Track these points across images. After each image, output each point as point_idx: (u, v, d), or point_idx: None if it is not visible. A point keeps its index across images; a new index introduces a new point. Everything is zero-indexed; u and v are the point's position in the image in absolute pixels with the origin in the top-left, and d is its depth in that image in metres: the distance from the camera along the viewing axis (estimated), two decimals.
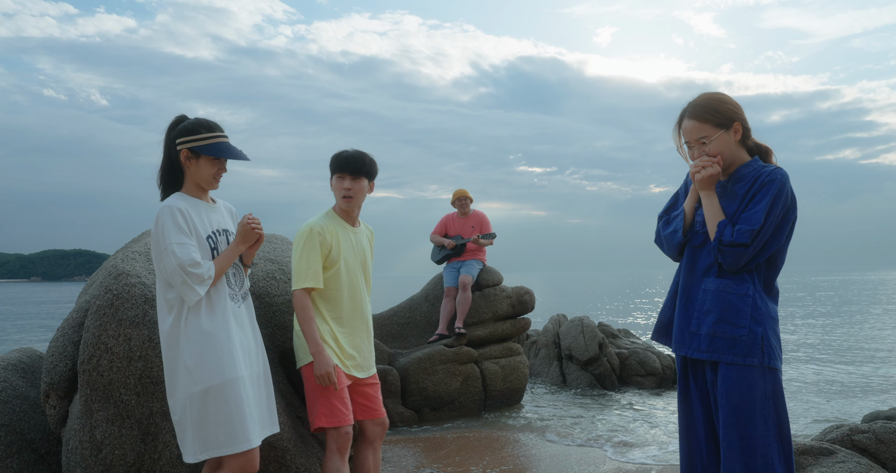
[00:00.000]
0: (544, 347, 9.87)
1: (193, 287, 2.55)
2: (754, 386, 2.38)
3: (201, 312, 2.60)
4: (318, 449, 3.42)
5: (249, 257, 2.91)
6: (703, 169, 2.50)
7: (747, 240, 2.37)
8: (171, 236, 2.56)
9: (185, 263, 2.53)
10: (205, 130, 2.70)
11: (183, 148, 2.69)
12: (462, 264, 7.80)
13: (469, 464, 5.19)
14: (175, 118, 2.79)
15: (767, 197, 2.39)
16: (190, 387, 2.56)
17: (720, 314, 2.45)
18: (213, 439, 2.56)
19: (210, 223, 2.75)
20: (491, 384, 7.41)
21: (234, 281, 2.80)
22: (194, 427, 2.57)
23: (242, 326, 2.75)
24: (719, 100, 2.55)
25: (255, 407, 2.69)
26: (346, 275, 3.26)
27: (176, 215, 2.60)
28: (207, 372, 2.56)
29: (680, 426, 2.65)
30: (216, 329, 2.61)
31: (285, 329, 3.53)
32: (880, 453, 4.12)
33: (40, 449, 3.52)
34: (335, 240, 3.24)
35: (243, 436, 2.58)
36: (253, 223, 2.77)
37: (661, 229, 2.73)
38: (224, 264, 2.69)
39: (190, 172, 2.73)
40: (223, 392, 2.57)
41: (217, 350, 2.59)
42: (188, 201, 2.71)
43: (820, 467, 3.66)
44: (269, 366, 2.87)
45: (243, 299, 2.83)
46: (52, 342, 3.41)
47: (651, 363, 9.25)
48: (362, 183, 3.28)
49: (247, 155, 2.75)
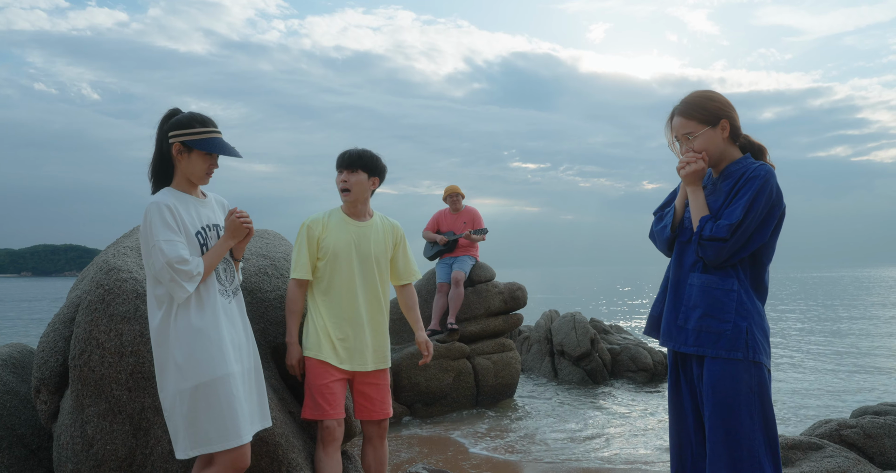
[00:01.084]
0: (536, 342, 9.90)
1: (182, 284, 2.53)
2: (739, 380, 2.40)
3: (191, 308, 2.59)
4: (310, 444, 3.42)
5: (240, 252, 2.89)
6: (687, 164, 2.54)
7: (726, 235, 2.40)
8: (158, 233, 2.54)
9: (173, 260, 2.51)
10: (198, 124, 2.67)
11: (175, 142, 2.66)
12: (454, 259, 7.81)
13: (460, 460, 5.21)
14: (168, 111, 2.75)
15: (749, 193, 2.42)
16: (180, 384, 2.55)
17: (705, 308, 2.48)
18: (204, 435, 2.55)
19: (200, 219, 2.73)
20: (483, 380, 7.43)
21: (225, 277, 2.78)
22: (185, 424, 2.56)
23: (233, 321, 2.73)
24: (707, 98, 2.59)
25: (246, 403, 2.68)
26: (340, 268, 3.29)
27: (164, 212, 2.57)
28: (197, 369, 2.55)
29: (670, 419, 2.68)
30: (206, 325, 2.60)
31: (278, 325, 3.53)
32: (868, 447, 4.16)
33: (31, 445, 3.51)
34: (328, 234, 3.30)
35: (234, 432, 2.57)
36: (241, 218, 2.75)
37: (654, 224, 2.78)
38: (213, 260, 2.67)
39: (181, 166, 2.70)
40: (213, 389, 2.56)
41: (207, 347, 2.58)
42: (177, 197, 2.69)
43: (809, 461, 3.69)
44: (260, 361, 2.87)
45: (234, 294, 2.81)
46: (43, 338, 3.39)
47: (642, 358, 9.30)
48: (359, 176, 3.32)
49: (239, 152, 2.72)
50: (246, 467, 2.65)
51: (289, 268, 3.76)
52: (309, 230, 3.31)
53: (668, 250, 2.72)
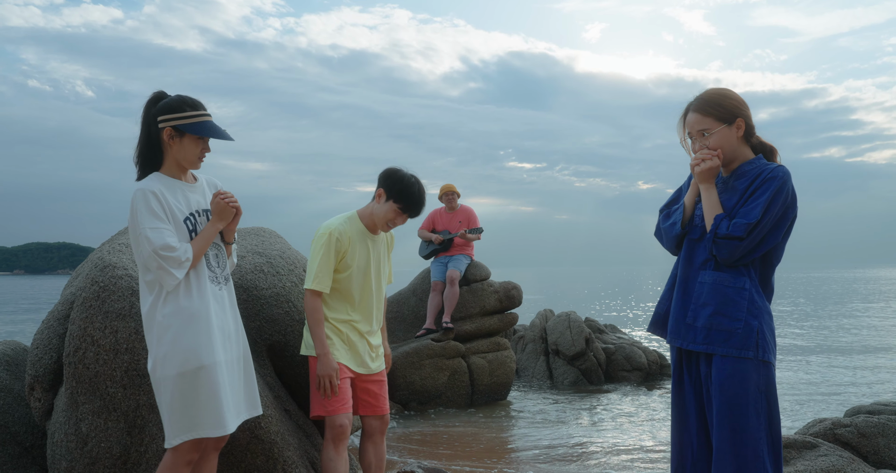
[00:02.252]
0: (531, 342, 9.91)
1: (171, 271, 2.49)
2: (748, 379, 2.39)
3: (180, 294, 2.54)
4: (306, 442, 3.42)
5: (230, 234, 2.81)
6: (702, 161, 2.52)
7: (742, 233, 2.39)
8: (144, 220, 2.49)
9: (159, 248, 2.46)
10: (189, 108, 2.61)
11: (166, 126, 2.59)
12: (450, 258, 7.81)
13: (455, 458, 5.21)
14: (154, 94, 2.67)
15: (767, 193, 2.40)
16: (166, 370, 2.51)
17: (717, 306, 2.47)
18: (190, 422, 2.51)
19: (188, 204, 2.66)
20: (478, 379, 7.44)
21: (216, 262, 2.73)
22: (169, 412, 2.52)
23: (223, 308, 2.69)
24: (724, 95, 2.58)
25: (231, 392, 2.64)
26: (357, 279, 3.28)
27: (149, 199, 2.52)
28: (184, 356, 2.51)
29: (672, 418, 2.66)
30: (195, 312, 2.56)
31: (273, 322, 3.52)
32: (862, 446, 4.17)
33: (25, 442, 3.50)
34: (351, 246, 3.25)
35: (219, 421, 2.54)
36: (227, 199, 2.68)
37: (661, 221, 2.74)
38: (202, 245, 2.61)
39: (173, 151, 2.63)
40: (198, 377, 2.52)
41: (195, 334, 2.54)
42: (165, 182, 2.62)
43: (803, 460, 3.71)
44: (249, 350, 2.82)
45: (225, 281, 2.76)
46: (37, 335, 3.38)
47: (637, 358, 9.31)
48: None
49: (231, 135, 2.67)
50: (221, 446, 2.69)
51: (284, 266, 3.75)
52: (338, 244, 3.20)
53: (676, 248, 2.69)
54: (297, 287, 3.72)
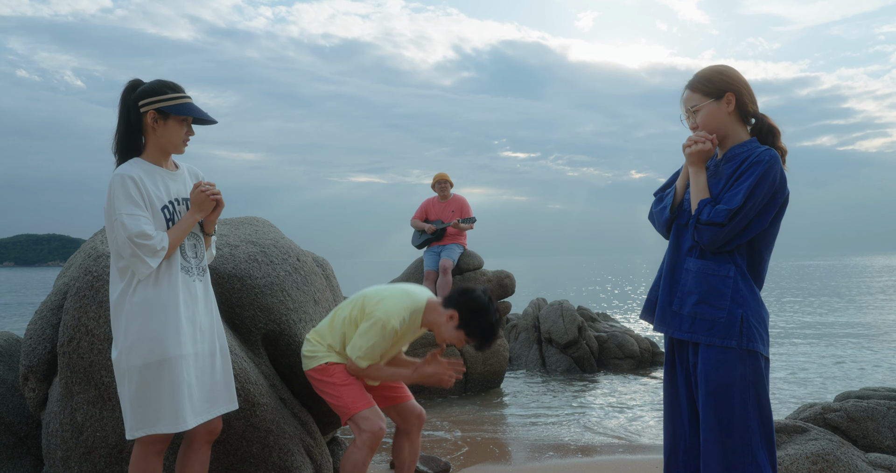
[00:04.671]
0: (524, 330, 9.95)
1: (144, 259, 2.45)
2: (733, 369, 2.34)
3: (149, 283, 2.50)
4: (301, 431, 3.43)
5: (210, 226, 2.77)
6: (694, 144, 2.46)
7: (723, 220, 2.33)
8: (120, 206, 2.45)
9: (134, 235, 2.42)
10: (171, 90, 2.58)
11: (149, 110, 2.56)
12: (443, 248, 7.83)
13: (447, 446, 5.24)
14: (130, 82, 2.63)
15: (751, 178, 2.34)
16: (131, 360, 2.47)
17: (701, 295, 2.42)
18: (149, 417, 2.48)
19: (168, 192, 2.62)
20: (471, 367, 7.47)
21: (192, 253, 2.68)
22: (131, 403, 2.49)
23: (195, 300, 2.62)
24: (716, 71, 2.52)
25: (199, 386, 2.59)
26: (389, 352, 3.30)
27: (127, 184, 2.48)
28: (149, 347, 2.47)
29: (665, 405, 2.64)
30: (163, 302, 2.51)
31: (267, 311, 3.52)
32: (851, 430, 4.23)
33: (19, 433, 3.50)
34: (402, 333, 3.24)
35: (180, 416, 2.50)
36: (207, 190, 2.63)
37: (654, 205, 2.70)
38: (179, 235, 2.57)
39: (157, 135, 2.59)
40: (162, 369, 2.48)
41: (161, 325, 2.49)
42: (145, 168, 2.58)
43: (794, 444, 3.75)
44: (226, 343, 2.78)
45: (201, 273, 2.71)
46: (31, 325, 3.37)
47: (629, 345, 9.38)
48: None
49: (213, 118, 2.64)
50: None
51: (278, 255, 3.75)
52: (395, 336, 3.18)
53: (667, 233, 2.64)
54: (291, 276, 3.73)
